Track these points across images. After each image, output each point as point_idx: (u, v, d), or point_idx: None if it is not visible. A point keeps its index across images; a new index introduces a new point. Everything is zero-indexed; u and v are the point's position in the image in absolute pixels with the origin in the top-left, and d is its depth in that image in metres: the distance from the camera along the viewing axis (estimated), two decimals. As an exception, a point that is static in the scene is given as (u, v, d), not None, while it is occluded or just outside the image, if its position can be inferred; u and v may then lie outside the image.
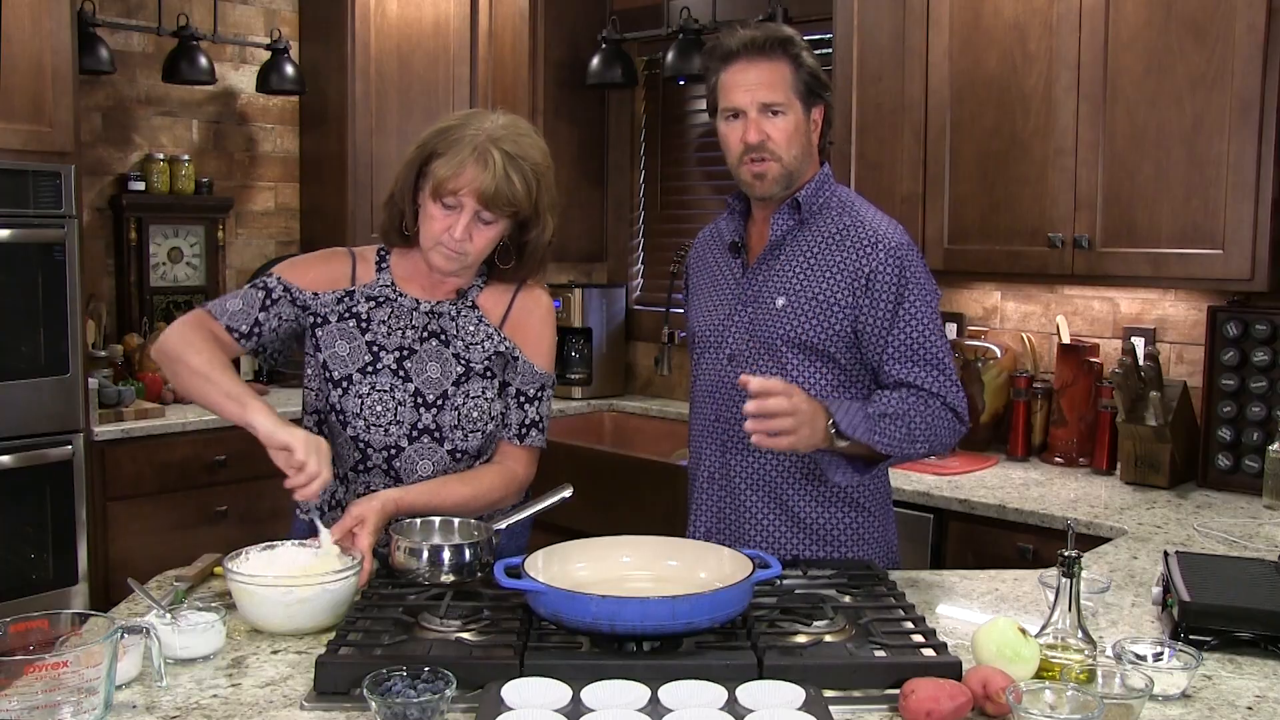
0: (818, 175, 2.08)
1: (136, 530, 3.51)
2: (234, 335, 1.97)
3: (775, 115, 1.99)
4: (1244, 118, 2.65)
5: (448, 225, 1.89)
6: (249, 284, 2.02)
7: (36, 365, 3.27)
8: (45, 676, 1.28)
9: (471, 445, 2.00)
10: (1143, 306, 3.18)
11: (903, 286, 1.98)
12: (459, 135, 1.88)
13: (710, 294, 2.16)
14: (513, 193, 1.88)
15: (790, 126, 2.00)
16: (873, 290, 1.98)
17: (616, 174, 4.58)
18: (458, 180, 1.86)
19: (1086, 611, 1.57)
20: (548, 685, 1.38)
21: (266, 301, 1.98)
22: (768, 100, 1.99)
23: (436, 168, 1.88)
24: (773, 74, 1.99)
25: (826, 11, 3.42)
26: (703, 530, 2.14)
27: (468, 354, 2.00)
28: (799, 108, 2.01)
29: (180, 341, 1.93)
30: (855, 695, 1.43)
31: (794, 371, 2.01)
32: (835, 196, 2.09)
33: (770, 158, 2.00)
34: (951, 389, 1.98)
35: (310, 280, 2.01)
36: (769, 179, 2.02)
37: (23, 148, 3.23)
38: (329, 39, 4.29)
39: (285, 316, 1.99)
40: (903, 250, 2.00)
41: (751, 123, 1.99)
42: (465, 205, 1.88)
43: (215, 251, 4.24)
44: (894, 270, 1.98)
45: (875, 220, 2.05)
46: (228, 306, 1.98)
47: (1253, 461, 2.79)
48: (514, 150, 1.88)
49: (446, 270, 1.96)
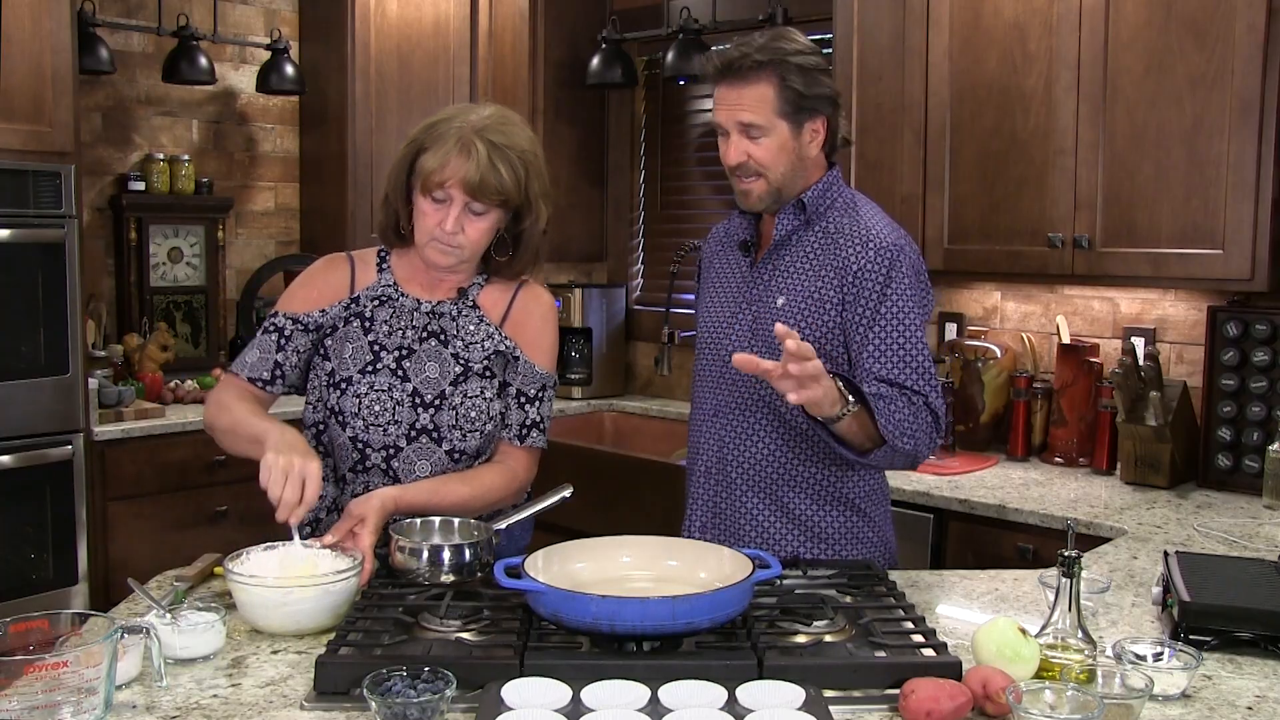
0: (825, 177, 2.07)
1: (136, 530, 3.51)
2: (259, 385, 2.00)
3: (756, 137, 1.98)
4: (1244, 118, 2.65)
5: (439, 219, 1.90)
6: (260, 331, 2.03)
7: (36, 365, 3.27)
8: (45, 676, 1.28)
9: (470, 446, 1.99)
10: (1143, 306, 3.18)
11: (887, 285, 1.96)
12: (444, 129, 1.90)
13: (717, 290, 2.17)
14: (500, 181, 1.88)
15: (774, 146, 1.98)
16: (858, 286, 1.97)
17: (616, 174, 4.58)
18: (443, 172, 1.87)
19: (1086, 611, 1.57)
20: (548, 685, 1.38)
21: (281, 341, 2.00)
22: (746, 122, 1.98)
23: (424, 161, 1.90)
24: (753, 96, 1.97)
25: (826, 11, 3.42)
26: (698, 526, 2.14)
27: (467, 354, 2.00)
28: (784, 127, 1.98)
29: (214, 410, 1.99)
30: (855, 695, 1.43)
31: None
32: (841, 198, 2.08)
33: (755, 176, 2.01)
34: (933, 389, 1.95)
35: (313, 301, 2.02)
36: (754, 195, 2.02)
37: (23, 148, 3.23)
38: (329, 39, 4.29)
39: (303, 349, 2.01)
40: (893, 250, 1.98)
41: (733, 143, 2.00)
42: (454, 197, 1.89)
43: (215, 251, 4.24)
44: (881, 268, 1.97)
45: (872, 220, 2.04)
46: (247, 360, 2.01)
47: (1253, 461, 2.79)
48: (499, 140, 1.89)
49: (443, 265, 1.96)
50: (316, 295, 2.02)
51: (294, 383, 2.04)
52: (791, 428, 2.04)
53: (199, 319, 4.23)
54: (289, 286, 2.08)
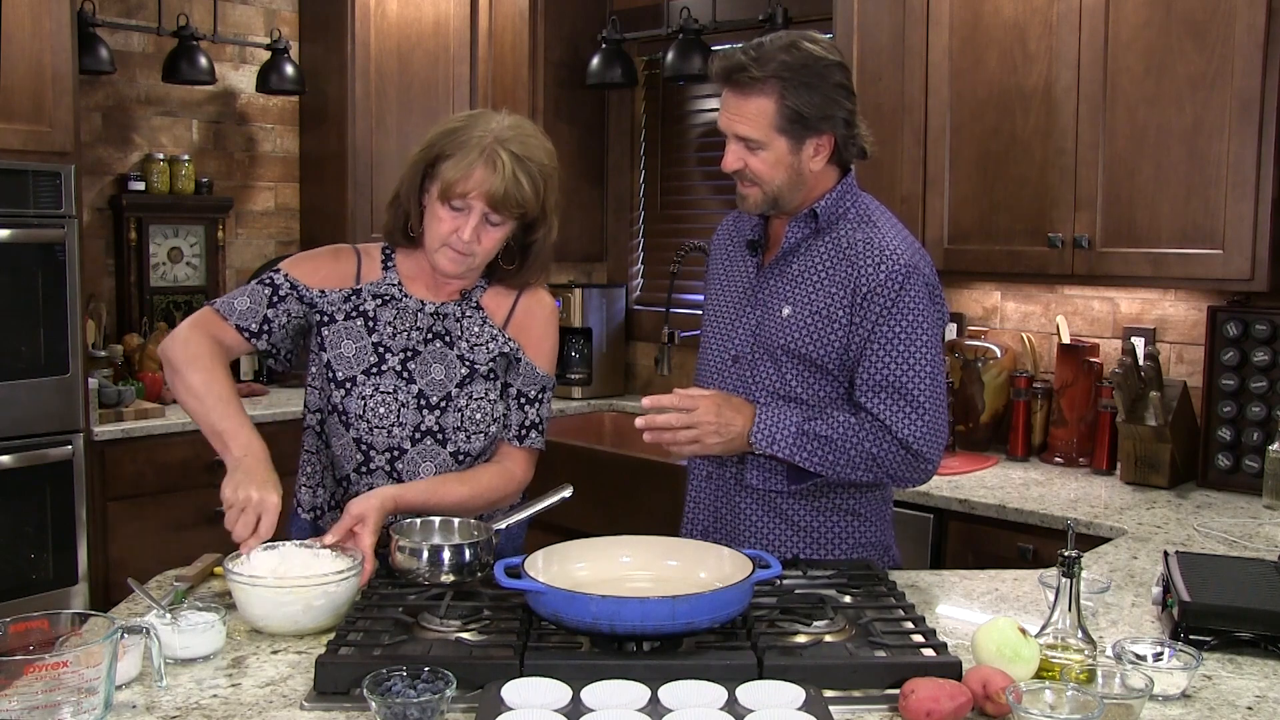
0: (839, 186, 2.01)
1: (136, 530, 3.51)
2: (244, 334, 1.95)
3: (754, 149, 1.94)
4: (1244, 118, 2.65)
5: (455, 227, 1.89)
6: (255, 280, 2.00)
7: (36, 365, 3.27)
8: (45, 676, 1.28)
9: (474, 447, 1.99)
10: (1143, 306, 3.18)
11: (892, 308, 1.91)
12: (466, 137, 1.88)
13: (723, 289, 2.14)
14: (521, 195, 1.87)
15: (770, 159, 1.93)
16: (865, 306, 1.92)
17: (616, 174, 4.58)
18: (467, 183, 1.86)
19: (1086, 611, 1.57)
20: (548, 685, 1.38)
21: (274, 298, 1.97)
22: (742, 135, 1.93)
23: (445, 170, 1.87)
24: (751, 109, 1.91)
25: (826, 11, 3.42)
26: (698, 529, 2.14)
27: (472, 355, 1.99)
28: (782, 143, 1.92)
29: (184, 352, 1.90)
30: (855, 695, 1.43)
31: (793, 380, 1.99)
32: (855, 207, 2.02)
33: (751, 183, 1.97)
34: (909, 423, 1.90)
35: (317, 278, 2.00)
36: (750, 201, 2.00)
37: (23, 148, 3.23)
38: (329, 39, 4.29)
39: (293, 313, 1.98)
40: (905, 272, 1.92)
41: (731, 150, 1.96)
42: (474, 207, 1.88)
43: (215, 251, 4.24)
44: (891, 291, 1.91)
45: (889, 236, 1.97)
46: (235, 305, 1.96)
47: (1253, 461, 2.79)
48: (521, 152, 1.88)
49: (452, 273, 1.95)
50: (323, 274, 2.00)
51: (275, 345, 1.99)
52: None
53: (199, 319, 4.23)
54: (298, 254, 2.06)
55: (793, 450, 1.91)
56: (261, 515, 1.73)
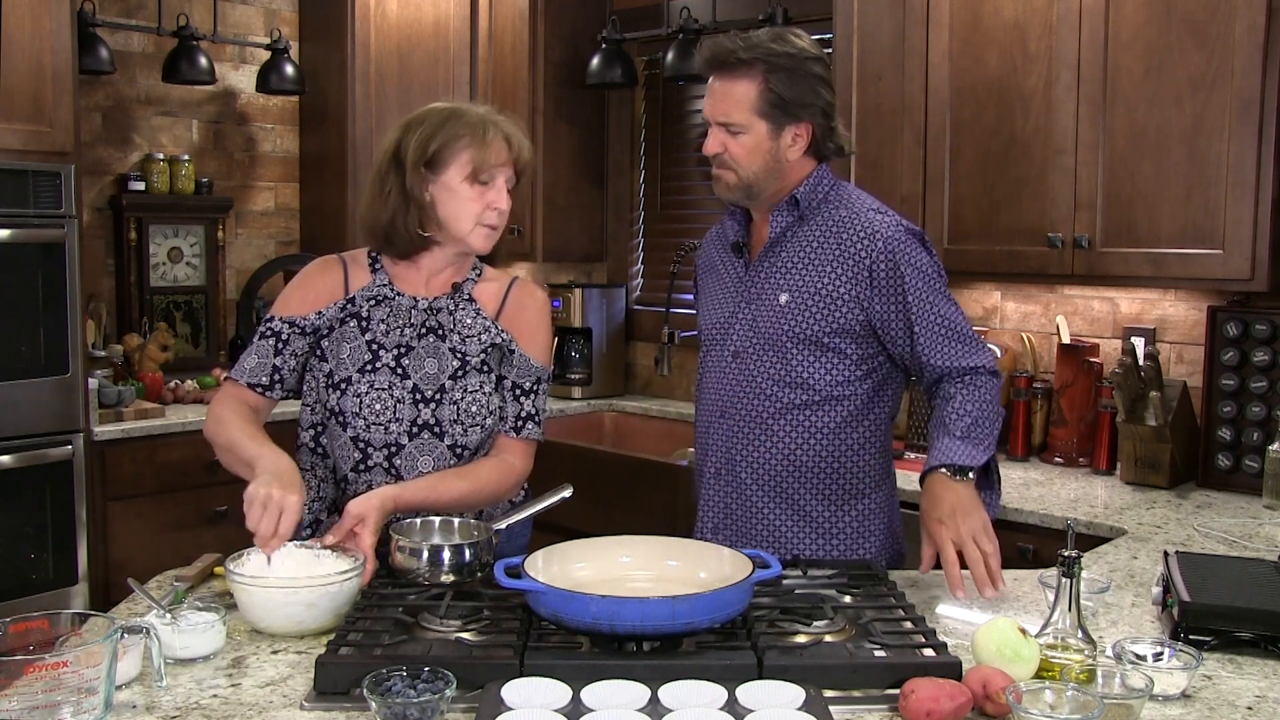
0: (815, 172, 2.08)
1: (136, 530, 3.51)
2: (259, 391, 2.00)
3: (735, 133, 2.01)
4: (1244, 118, 2.65)
5: (488, 202, 1.96)
6: (257, 336, 2.03)
7: (36, 365, 3.27)
8: (45, 676, 1.28)
9: (471, 440, 2.00)
10: (1143, 306, 3.18)
11: (902, 277, 1.99)
12: (464, 122, 1.96)
13: (715, 293, 2.18)
14: (530, 152, 2.01)
15: (750, 143, 2.01)
16: (876, 284, 2.00)
17: (616, 174, 4.58)
18: (499, 155, 1.96)
19: (1086, 611, 1.57)
20: (548, 685, 1.38)
21: (279, 346, 2.00)
22: (723, 120, 2.01)
23: (460, 155, 1.94)
24: (735, 93, 2.00)
25: (826, 11, 3.42)
26: (710, 526, 2.15)
27: (464, 347, 2.00)
28: (762, 126, 2.00)
29: (213, 423, 1.97)
30: (855, 695, 1.43)
31: (798, 366, 2.02)
32: (834, 191, 2.09)
33: (727, 167, 2.04)
34: (985, 355, 2.02)
35: (308, 303, 2.01)
36: (724, 184, 2.07)
37: (23, 148, 3.23)
38: (329, 39, 4.29)
39: (300, 352, 2.01)
40: (896, 241, 2.00)
41: (712, 135, 2.05)
42: (498, 176, 1.96)
43: (215, 251, 4.24)
44: (890, 262, 1.99)
45: (870, 212, 2.05)
46: (246, 365, 2.01)
47: (1253, 461, 2.79)
48: (506, 118, 2.02)
49: (488, 248, 2.01)
50: (313, 298, 2.02)
51: (293, 386, 2.04)
52: (799, 425, 2.05)
53: (199, 319, 4.24)
54: (284, 290, 2.08)
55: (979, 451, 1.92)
56: (283, 512, 1.72)
